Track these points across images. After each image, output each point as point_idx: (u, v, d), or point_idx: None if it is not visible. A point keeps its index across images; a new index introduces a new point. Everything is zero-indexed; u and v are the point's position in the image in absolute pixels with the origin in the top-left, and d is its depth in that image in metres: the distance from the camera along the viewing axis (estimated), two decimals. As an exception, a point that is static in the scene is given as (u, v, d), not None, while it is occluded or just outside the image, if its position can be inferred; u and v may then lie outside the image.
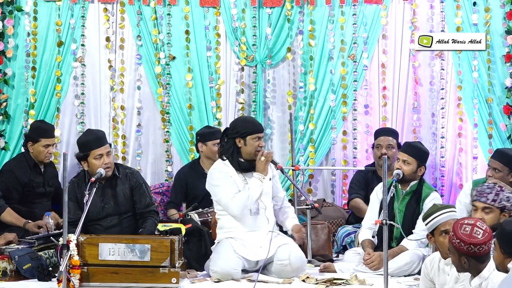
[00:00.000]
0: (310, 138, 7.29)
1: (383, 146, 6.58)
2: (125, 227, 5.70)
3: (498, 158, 5.92)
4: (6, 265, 5.30)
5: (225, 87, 7.35)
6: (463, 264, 3.96)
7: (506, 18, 7.08)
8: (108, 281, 5.12)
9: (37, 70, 7.26)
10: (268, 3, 7.24)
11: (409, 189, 5.76)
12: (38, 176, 6.45)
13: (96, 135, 5.73)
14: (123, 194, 5.69)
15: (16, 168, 6.39)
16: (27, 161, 6.43)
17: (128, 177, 5.75)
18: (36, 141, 6.38)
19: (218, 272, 5.26)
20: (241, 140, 5.56)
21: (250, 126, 5.60)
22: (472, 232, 3.91)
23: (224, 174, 5.54)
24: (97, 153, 5.59)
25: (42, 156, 6.40)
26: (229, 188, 5.48)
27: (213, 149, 6.59)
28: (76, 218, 5.34)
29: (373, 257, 5.54)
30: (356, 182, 6.76)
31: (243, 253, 5.40)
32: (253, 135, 5.56)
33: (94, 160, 5.59)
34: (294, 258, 5.40)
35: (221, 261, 5.30)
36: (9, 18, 7.21)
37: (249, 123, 5.65)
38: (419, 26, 7.25)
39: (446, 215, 4.58)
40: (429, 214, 4.61)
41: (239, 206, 5.43)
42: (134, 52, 7.34)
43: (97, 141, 5.63)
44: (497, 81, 7.14)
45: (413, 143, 6.00)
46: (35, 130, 6.46)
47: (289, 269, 5.37)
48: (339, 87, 7.28)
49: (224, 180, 5.51)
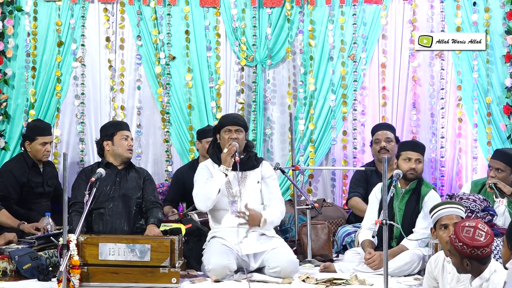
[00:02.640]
0: (310, 138, 7.29)
1: (382, 140, 6.59)
2: (126, 214, 5.73)
3: (500, 158, 5.91)
4: (6, 265, 5.30)
5: (225, 87, 7.35)
6: (466, 267, 3.95)
7: (506, 18, 7.08)
8: (108, 281, 5.11)
9: (37, 70, 7.27)
10: (268, 3, 7.24)
11: (409, 188, 5.77)
12: (37, 176, 6.44)
13: (123, 121, 6.27)
14: (135, 181, 5.85)
15: (14, 168, 6.38)
16: (26, 161, 6.42)
17: (142, 170, 6.06)
18: (33, 140, 6.38)
19: (213, 269, 5.23)
20: (218, 134, 5.67)
21: (223, 120, 5.71)
22: (474, 235, 3.90)
23: (205, 171, 5.62)
24: (125, 133, 5.90)
25: (40, 154, 6.39)
26: (199, 185, 5.54)
27: (206, 147, 6.61)
28: (83, 201, 5.29)
29: (374, 256, 5.54)
30: (355, 181, 6.76)
31: (232, 246, 5.41)
32: (224, 127, 5.62)
33: (121, 140, 5.85)
34: (285, 263, 5.35)
35: (213, 257, 5.29)
36: (9, 18, 7.21)
37: (224, 117, 5.79)
38: (419, 26, 7.25)
39: (449, 210, 4.61)
40: (434, 207, 4.65)
41: (200, 200, 5.51)
42: (134, 52, 7.34)
43: (125, 125, 6.07)
44: (497, 81, 7.14)
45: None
46: (31, 129, 6.47)
47: (282, 275, 5.33)
48: (339, 87, 7.28)
49: (200, 176, 5.60)
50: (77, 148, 7.35)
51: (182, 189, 6.70)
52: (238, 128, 5.61)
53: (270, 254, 5.40)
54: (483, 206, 5.44)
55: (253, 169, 5.65)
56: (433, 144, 7.25)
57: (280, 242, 5.56)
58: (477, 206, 5.42)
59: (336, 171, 7.32)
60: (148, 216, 5.76)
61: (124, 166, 5.90)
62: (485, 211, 5.43)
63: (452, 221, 4.54)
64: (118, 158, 5.86)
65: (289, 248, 5.56)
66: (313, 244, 6.02)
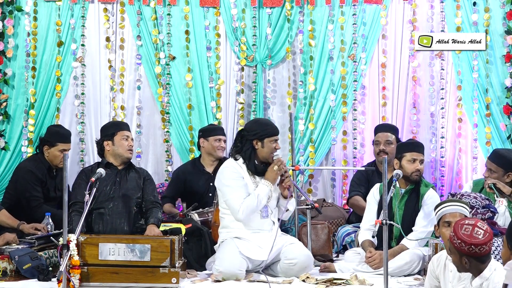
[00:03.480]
0: (310, 138, 7.29)
1: (381, 143, 6.59)
2: (126, 214, 5.73)
3: (493, 159, 5.97)
4: (6, 265, 5.30)
5: (225, 87, 7.35)
6: (464, 265, 3.96)
7: (506, 18, 7.08)
8: (108, 281, 5.11)
9: (37, 70, 7.27)
10: (268, 3, 7.24)
11: (408, 187, 5.77)
12: (51, 180, 6.43)
13: (123, 122, 6.22)
14: (135, 181, 5.84)
15: (33, 168, 6.34)
16: (43, 163, 6.41)
17: (142, 170, 6.05)
18: (52, 145, 6.35)
19: (223, 272, 5.25)
20: (259, 142, 5.57)
21: (269, 129, 5.63)
22: (473, 233, 3.91)
23: (237, 174, 5.53)
24: (125, 134, 5.90)
25: (57, 160, 6.35)
26: (239, 192, 5.46)
27: (214, 144, 6.61)
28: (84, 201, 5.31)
29: (375, 256, 5.54)
30: (357, 180, 6.76)
31: (248, 254, 5.39)
32: (271, 137, 5.58)
33: (121, 140, 5.85)
34: (303, 256, 5.43)
35: (227, 261, 5.29)
36: (9, 18, 7.21)
37: (268, 126, 5.68)
38: (419, 26, 7.25)
39: (453, 207, 4.62)
40: (439, 205, 4.66)
41: (246, 213, 5.44)
42: (134, 52, 7.34)
43: (125, 125, 6.07)
44: (497, 81, 7.14)
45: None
46: (53, 135, 6.43)
47: (297, 268, 5.39)
48: (339, 87, 7.28)
49: (236, 181, 5.50)
50: (77, 148, 7.35)
51: (183, 187, 6.70)
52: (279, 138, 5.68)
53: (288, 247, 5.47)
54: (484, 203, 5.44)
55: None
56: (433, 144, 7.25)
57: (296, 239, 5.68)
58: (477, 203, 5.43)
59: (336, 171, 7.32)
60: (148, 216, 5.76)
61: (124, 166, 5.90)
62: (485, 208, 5.44)
63: (455, 218, 4.54)
64: (118, 158, 5.87)
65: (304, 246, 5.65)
66: (313, 244, 6.01)
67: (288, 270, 5.41)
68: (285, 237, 5.63)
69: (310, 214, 5.97)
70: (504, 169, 5.92)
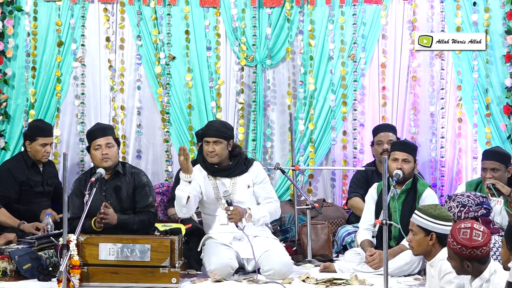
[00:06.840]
0: (310, 138, 7.29)
1: (384, 142, 6.57)
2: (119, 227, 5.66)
3: (493, 158, 5.96)
4: (6, 265, 5.31)
5: (225, 87, 7.35)
6: (466, 268, 3.95)
7: (506, 18, 7.08)
8: (108, 281, 5.12)
9: (37, 70, 7.27)
10: (268, 3, 7.24)
11: (405, 187, 5.77)
12: (36, 175, 6.43)
13: (101, 126, 5.81)
14: (126, 192, 5.65)
15: (13, 167, 6.37)
16: (25, 160, 6.41)
17: (134, 176, 5.71)
18: (33, 140, 6.36)
19: (216, 268, 5.24)
20: (201, 143, 5.70)
21: (204, 129, 5.72)
22: (472, 236, 3.90)
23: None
24: (97, 143, 5.61)
25: (39, 155, 6.37)
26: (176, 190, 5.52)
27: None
28: (80, 214, 5.27)
29: (375, 255, 5.54)
30: (356, 181, 6.75)
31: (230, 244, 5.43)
32: (204, 138, 5.63)
33: (94, 150, 5.62)
34: (279, 265, 5.34)
35: (214, 257, 5.29)
36: (9, 18, 7.21)
37: (205, 126, 5.75)
38: (419, 26, 7.25)
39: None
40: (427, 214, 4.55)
41: (176, 209, 5.49)
42: (134, 52, 7.34)
43: (98, 132, 5.68)
44: (497, 81, 7.14)
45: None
46: (32, 129, 6.45)
47: (276, 277, 5.31)
48: (339, 87, 7.28)
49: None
50: (77, 148, 7.36)
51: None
52: (217, 140, 5.55)
53: (263, 257, 5.37)
54: (477, 201, 5.45)
55: (241, 175, 5.64)
56: (433, 144, 7.25)
57: (273, 244, 5.55)
58: (470, 201, 5.44)
59: (336, 171, 7.32)
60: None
61: (111, 174, 5.67)
62: (479, 205, 5.44)
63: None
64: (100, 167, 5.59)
65: (282, 250, 5.54)
66: (313, 244, 6.02)
67: (269, 278, 5.34)
68: (262, 245, 5.46)
69: (310, 214, 5.98)
70: (505, 164, 5.95)
